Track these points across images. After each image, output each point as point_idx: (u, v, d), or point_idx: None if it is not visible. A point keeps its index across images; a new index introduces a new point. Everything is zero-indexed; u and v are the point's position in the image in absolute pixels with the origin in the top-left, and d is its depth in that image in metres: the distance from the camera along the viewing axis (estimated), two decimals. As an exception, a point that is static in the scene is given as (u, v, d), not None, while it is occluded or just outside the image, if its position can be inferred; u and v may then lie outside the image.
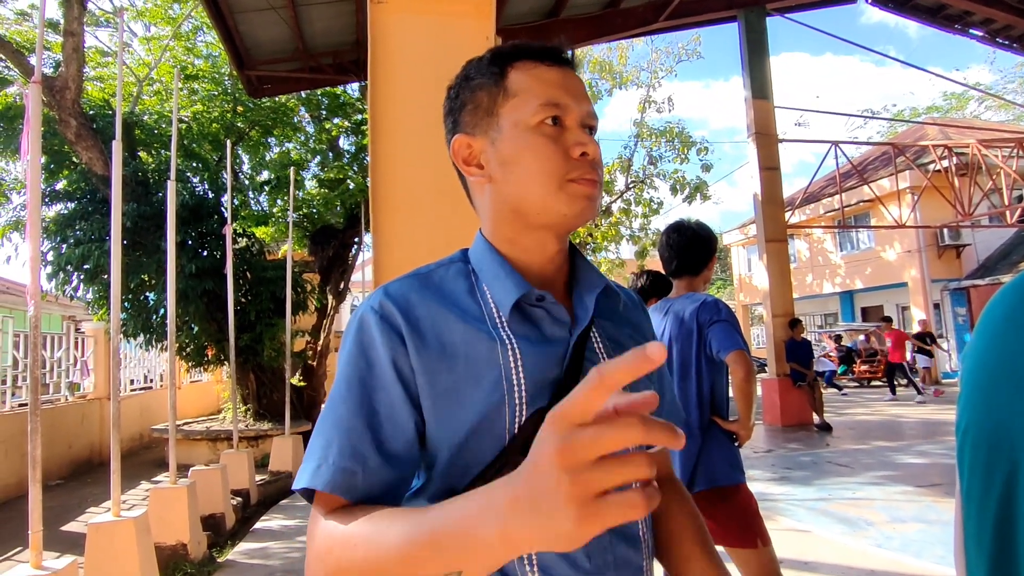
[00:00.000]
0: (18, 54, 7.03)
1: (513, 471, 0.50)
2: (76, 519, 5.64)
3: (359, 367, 0.72)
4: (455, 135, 0.81)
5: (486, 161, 0.79)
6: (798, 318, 10.00)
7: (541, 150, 0.75)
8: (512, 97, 0.77)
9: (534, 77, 0.77)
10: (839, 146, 12.62)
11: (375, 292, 0.77)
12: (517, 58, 0.78)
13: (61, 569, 2.90)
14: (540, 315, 0.77)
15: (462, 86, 0.82)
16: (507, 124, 0.77)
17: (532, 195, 0.76)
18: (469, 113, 0.80)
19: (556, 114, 0.76)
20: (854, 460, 6.88)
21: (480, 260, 0.81)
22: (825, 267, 21.39)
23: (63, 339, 8.48)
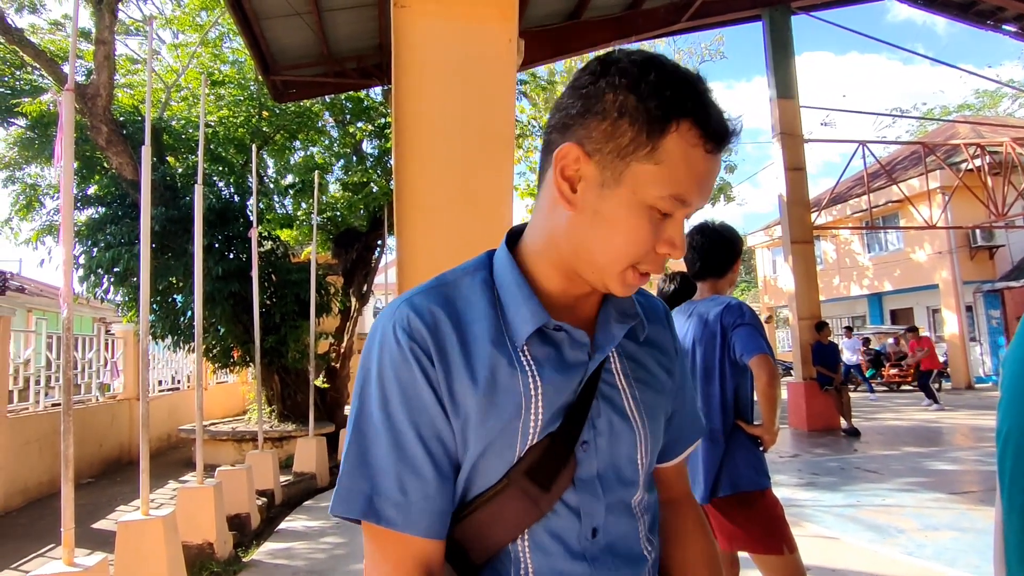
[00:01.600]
0: (52, 63, 7.21)
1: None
2: (106, 517, 5.75)
3: (397, 392, 0.70)
4: (569, 140, 0.70)
5: (583, 190, 0.69)
6: (824, 321, 9.84)
7: (636, 233, 0.68)
8: (653, 163, 0.66)
9: (686, 160, 0.66)
10: (867, 146, 12.40)
11: (400, 304, 0.73)
12: (685, 116, 0.66)
13: (92, 566, 2.95)
14: (560, 338, 0.75)
15: (608, 93, 0.67)
16: (628, 182, 0.67)
17: (596, 260, 0.71)
18: (599, 133, 0.68)
19: (675, 210, 0.69)
20: (883, 466, 6.74)
21: (502, 275, 0.76)
22: (852, 269, 21.01)
23: (94, 341, 8.66)
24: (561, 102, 0.72)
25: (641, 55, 0.69)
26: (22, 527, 5.61)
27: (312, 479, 7.26)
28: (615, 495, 0.75)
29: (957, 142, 14.48)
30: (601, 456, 0.74)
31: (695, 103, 0.66)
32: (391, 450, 0.69)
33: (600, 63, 0.69)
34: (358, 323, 11.58)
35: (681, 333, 2.34)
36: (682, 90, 0.66)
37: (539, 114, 17.66)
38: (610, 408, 0.76)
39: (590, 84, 0.69)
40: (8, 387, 6.38)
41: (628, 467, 0.77)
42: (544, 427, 0.71)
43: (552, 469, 0.71)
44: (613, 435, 0.75)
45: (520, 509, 0.70)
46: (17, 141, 8.97)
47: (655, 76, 0.66)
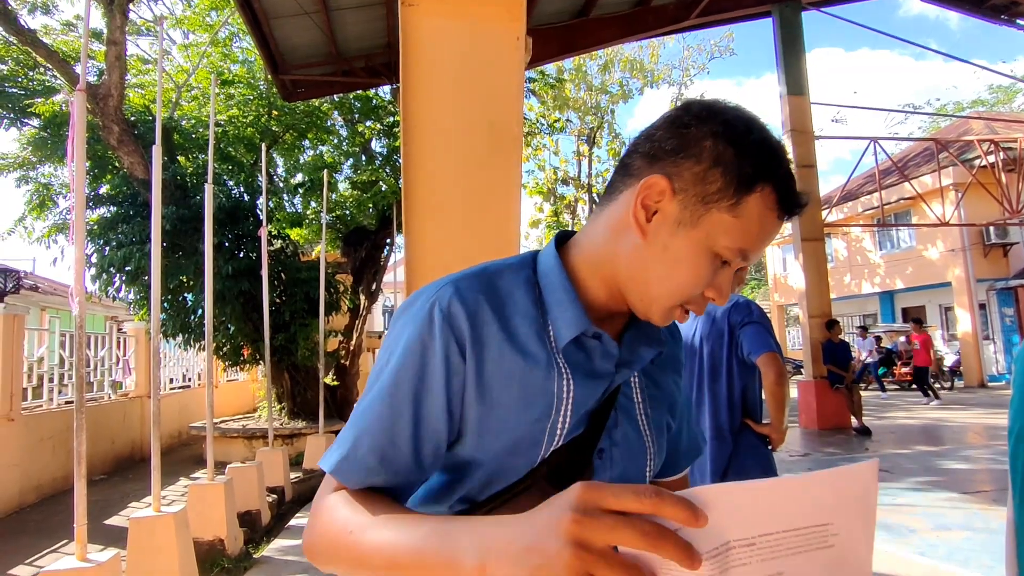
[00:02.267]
0: (64, 64, 7.27)
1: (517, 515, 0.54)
2: (118, 513, 5.81)
3: (413, 367, 0.71)
4: (658, 172, 0.71)
5: (658, 223, 0.71)
6: (835, 319, 9.77)
7: (697, 275, 0.71)
8: (732, 216, 0.69)
9: (761, 220, 0.70)
10: (878, 142, 12.30)
11: (444, 285, 0.74)
12: (770, 181, 0.70)
13: (104, 562, 2.99)
14: (593, 346, 0.76)
15: (707, 140, 0.70)
16: (704, 227, 0.70)
17: (650, 290, 0.73)
18: (690, 175, 0.70)
19: (736, 261, 0.72)
20: (895, 465, 6.69)
21: (548, 276, 0.77)
22: (864, 267, 20.86)
23: (106, 339, 8.74)
24: (653, 132, 0.74)
25: (746, 114, 0.73)
26: (36, 523, 5.67)
27: (322, 476, 7.29)
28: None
29: (971, 138, 14.33)
30: (615, 466, 0.77)
31: (781, 172, 0.71)
32: (385, 422, 0.71)
33: (706, 109, 0.72)
34: (367, 321, 11.63)
35: (689, 330, 2.33)
36: (774, 157, 0.71)
37: (548, 112, 17.65)
38: (626, 420, 0.79)
39: (692, 125, 0.71)
40: (23, 385, 6.45)
41: (637, 479, 0.80)
42: (570, 431, 0.73)
43: (572, 474, 0.73)
44: (627, 446, 0.79)
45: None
46: (31, 141, 9.05)
47: (755, 137, 0.70)
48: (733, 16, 10.46)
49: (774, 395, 2.13)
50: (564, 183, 20.84)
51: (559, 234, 0.84)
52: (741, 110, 0.73)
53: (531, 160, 19.29)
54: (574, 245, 0.80)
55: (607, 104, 19.74)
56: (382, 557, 0.62)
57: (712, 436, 2.18)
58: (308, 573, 4.29)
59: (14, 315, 6.21)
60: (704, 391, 2.24)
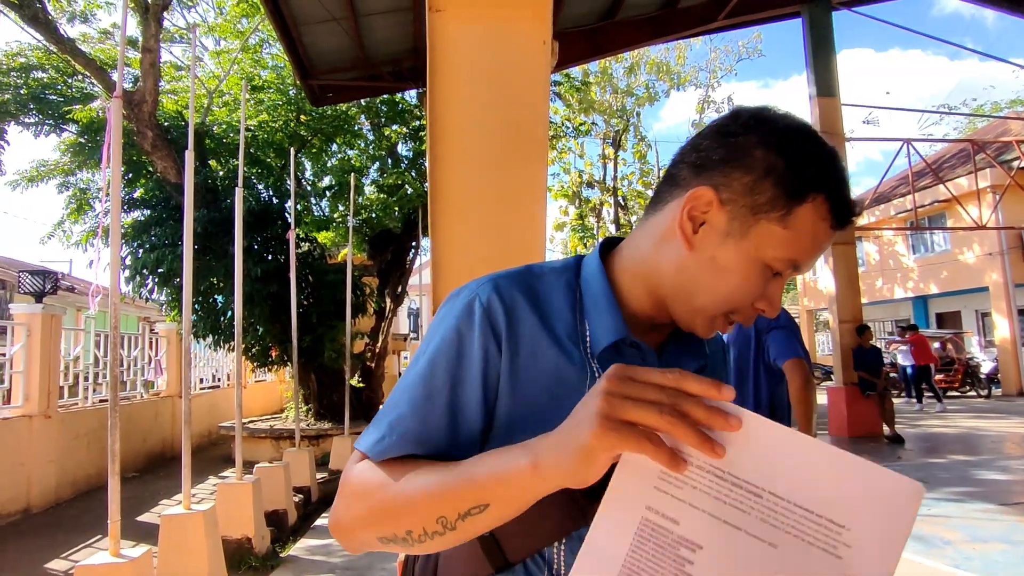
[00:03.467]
0: (101, 71, 7.48)
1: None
2: (150, 510, 5.93)
3: (450, 355, 0.72)
4: (704, 183, 0.70)
5: (705, 234, 0.70)
6: (866, 324, 9.58)
7: (746, 285, 0.70)
8: (782, 227, 0.68)
9: (813, 231, 0.69)
10: (912, 144, 12.03)
11: (485, 282, 0.75)
12: (822, 190, 0.68)
13: (137, 558, 3.05)
14: (631, 355, 0.76)
15: (757, 150, 0.69)
16: (753, 238, 0.69)
17: (696, 301, 0.73)
18: (740, 185, 0.69)
19: (787, 272, 0.71)
20: (929, 475, 6.52)
21: (590, 281, 0.78)
22: (896, 271, 20.41)
23: (139, 339, 8.94)
24: (700, 142, 0.73)
25: (796, 121, 0.71)
26: (71, 518, 5.82)
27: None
28: None
29: (1009, 139, 13.93)
30: None
31: (835, 181, 0.69)
32: (421, 409, 0.71)
33: (755, 118, 0.71)
34: (393, 323, 11.72)
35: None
36: (826, 166, 0.69)
37: (573, 115, 17.63)
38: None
39: (740, 134, 0.70)
40: (59, 383, 6.62)
41: None
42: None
43: (602, 479, 0.72)
44: None
45: (565, 514, 0.72)
46: (69, 147, 9.32)
47: (807, 146, 0.69)
48: (761, 17, 10.33)
49: (800, 401, 2.10)
50: (589, 186, 20.78)
51: (605, 240, 0.83)
52: (792, 117, 0.71)
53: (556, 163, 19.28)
54: (619, 252, 0.80)
55: (633, 107, 19.65)
56: (429, 496, 0.64)
57: None
58: (334, 573, 4.34)
59: (52, 315, 6.38)
60: None
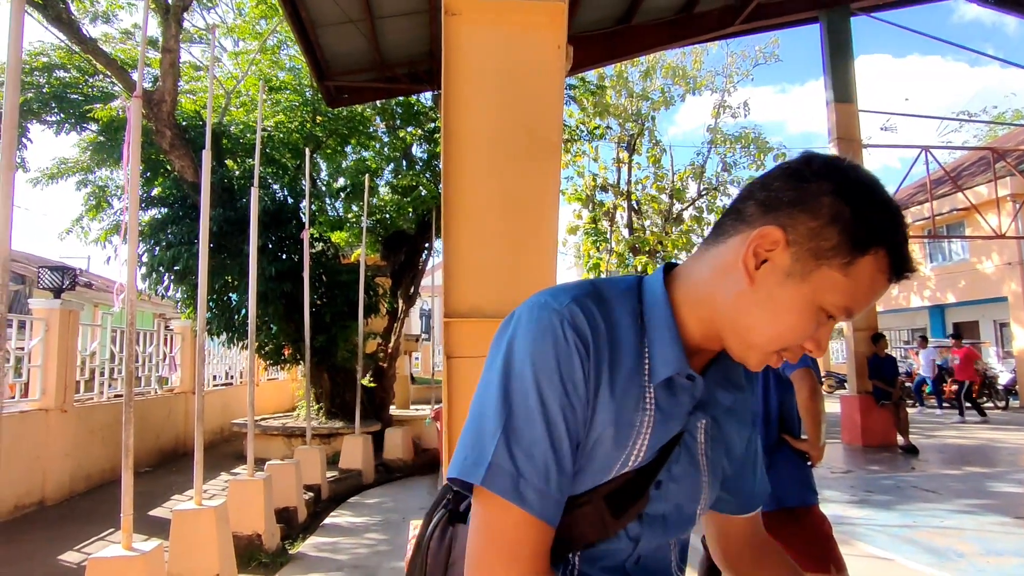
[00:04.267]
0: (122, 71, 7.58)
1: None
2: (162, 505, 5.99)
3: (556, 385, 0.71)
4: (771, 223, 0.71)
5: (767, 272, 0.72)
6: (881, 332, 9.48)
7: (801, 327, 0.72)
8: (842, 274, 0.69)
9: (871, 282, 0.70)
10: (930, 151, 11.90)
11: (568, 301, 0.74)
12: (884, 245, 0.70)
13: (148, 552, 3.09)
14: (683, 385, 0.78)
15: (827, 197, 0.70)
16: (813, 282, 0.70)
17: (751, 337, 0.74)
18: (806, 229, 0.70)
19: (841, 317, 0.72)
20: (942, 486, 6.44)
21: (653, 310, 0.78)
22: (913, 279, 20.06)
23: (154, 336, 9.04)
24: (770, 182, 0.74)
25: (866, 174, 0.73)
26: (85, 510, 5.89)
27: (358, 476, 7.40)
28: (671, 534, 0.83)
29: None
30: (670, 498, 0.80)
31: (896, 236, 0.71)
32: (544, 439, 0.70)
33: (827, 166, 0.72)
34: (405, 324, 11.76)
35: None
36: (891, 221, 0.70)
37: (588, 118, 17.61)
38: (688, 458, 0.81)
39: (812, 180, 0.71)
40: (76, 378, 6.71)
41: (687, 513, 0.83)
42: (640, 461, 0.76)
43: (628, 500, 0.76)
44: (685, 483, 0.81)
45: (590, 527, 0.75)
46: (89, 145, 9.44)
47: (876, 199, 0.71)
48: (779, 22, 10.27)
49: (808, 410, 2.09)
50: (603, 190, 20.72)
51: (667, 265, 0.84)
52: (862, 170, 0.73)
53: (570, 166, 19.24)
54: (678, 279, 0.81)
55: (648, 111, 19.58)
56: None
57: None
58: (343, 571, 4.36)
59: (69, 310, 6.47)
60: None
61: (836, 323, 0.73)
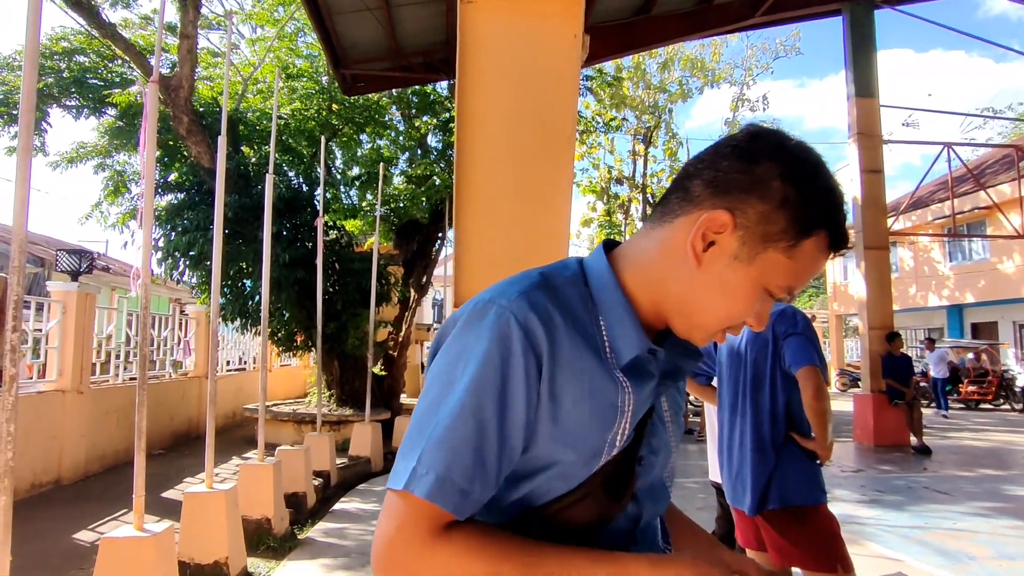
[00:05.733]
0: (140, 56, 7.62)
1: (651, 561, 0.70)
2: (174, 487, 6.07)
3: (495, 384, 0.68)
4: (720, 206, 0.71)
5: (715, 254, 0.72)
6: (897, 332, 9.37)
7: (745, 306, 0.74)
8: (786, 256, 0.71)
9: (813, 261, 0.73)
10: (952, 148, 11.70)
11: (516, 297, 0.71)
12: (827, 227, 0.72)
13: (159, 533, 3.13)
14: (647, 360, 0.77)
15: (776, 181, 0.70)
16: (759, 264, 0.71)
17: (698, 317, 0.76)
18: (755, 214, 0.71)
19: (782, 296, 0.74)
20: (955, 487, 6.37)
21: (603, 293, 0.77)
22: (931, 278, 19.91)
23: (169, 320, 9.14)
24: (717, 160, 0.73)
25: (813, 155, 0.73)
26: (99, 491, 5.99)
27: (367, 463, 7.45)
28: (658, 506, 0.84)
29: (1055, 146, 13.47)
30: (653, 471, 0.82)
31: (837, 218, 0.73)
32: (474, 442, 0.68)
33: (776, 146, 0.72)
34: (417, 313, 11.80)
35: (738, 337, 2.27)
36: (834, 203, 0.73)
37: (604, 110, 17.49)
38: (660, 428, 0.82)
39: (761, 161, 0.71)
40: (92, 360, 6.80)
41: (664, 483, 0.86)
42: (625, 441, 0.76)
43: (622, 481, 0.77)
44: (661, 453, 0.83)
45: (592, 516, 0.75)
46: (108, 130, 9.52)
47: (822, 183, 0.72)
48: (800, 14, 10.13)
49: (813, 409, 2.07)
50: (618, 182, 20.62)
51: (606, 243, 0.83)
52: (808, 150, 0.74)
53: (585, 158, 19.15)
54: (621, 258, 0.80)
55: (665, 103, 19.42)
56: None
57: (753, 449, 2.12)
58: (350, 556, 4.40)
59: (87, 294, 6.55)
60: (747, 401, 2.17)
61: (770, 300, 0.75)
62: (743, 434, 2.17)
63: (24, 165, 2.44)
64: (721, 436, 2.30)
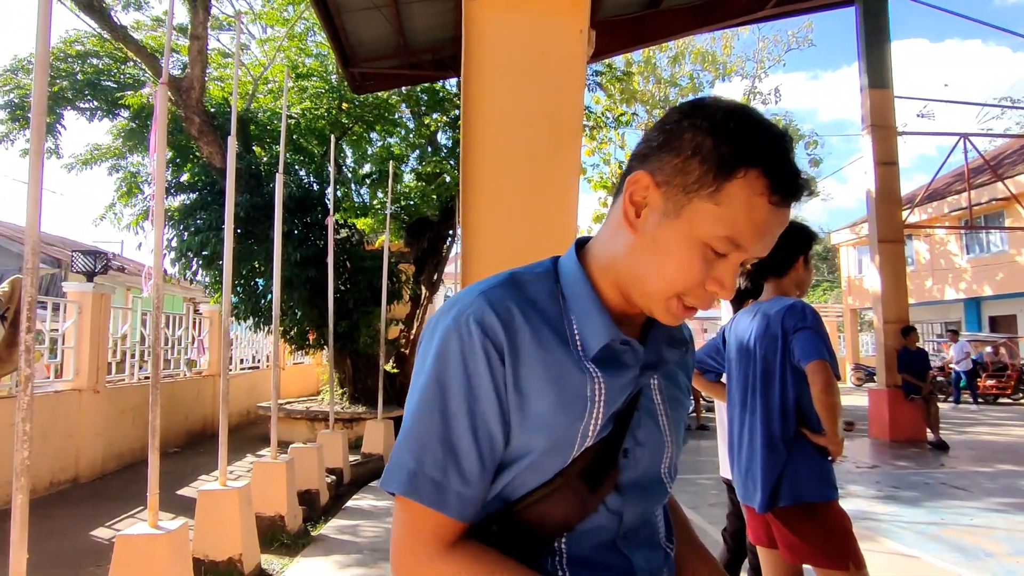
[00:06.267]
0: (152, 58, 7.68)
1: None
2: (189, 485, 6.13)
3: (458, 376, 0.72)
4: (644, 169, 0.73)
5: (646, 217, 0.73)
6: (912, 326, 9.26)
7: (686, 265, 0.71)
8: (714, 204, 0.69)
9: (746, 207, 0.69)
10: (969, 139, 11.53)
11: (476, 296, 0.74)
12: (753, 165, 0.68)
13: (173, 530, 3.16)
14: (622, 351, 0.78)
15: (688, 132, 0.71)
16: (686, 217, 0.70)
17: (646, 286, 0.74)
18: (671, 167, 0.71)
19: (729, 251, 0.71)
20: (973, 483, 6.29)
21: (572, 286, 0.79)
22: (948, 271, 19.66)
23: (183, 319, 9.22)
24: (647, 134, 0.77)
25: (732, 104, 0.73)
26: (116, 489, 6.06)
27: (379, 460, 7.48)
28: (648, 502, 0.82)
29: (1075, 136, 13.24)
30: (640, 465, 0.80)
31: (768, 155, 0.69)
32: (440, 433, 0.72)
33: (691, 105, 0.74)
34: (428, 311, 11.82)
35: (746, 332, 2.25)
36: (757, 141, 0.70)
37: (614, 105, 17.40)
38: (649, 421, 0.81)
39: (675, 122, 0.73)
40: (107, 359, 6.88)
41: (658, 477, 0.83)
42: (599, 431, 0.75)
43: (601, 472, 0.76)
44: (650, 446, 0.81)
45: (569, 508, 0.75)
46: (121, 132, 9.62)
47: (735, 125, 0.70)
48: (813, 5, 10.00)
49: (822, 405, 2.04)
50: (629, 178, 20.49)
51: (578, 241, 0.85)
52: (726, 101, 0.73)
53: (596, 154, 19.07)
54: (589, 251, 0.82)
55: (676, 97, 19.28)
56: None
57: (763, 445, 2.10)
58: (362, 553, 4.42)
59: (102, 294, 6.63)
60: (757, 396, 2.15)
61: (736, 260, 0.71)
62: (753, 430, 2.15)
63: (36, 168, 2.47)
64: (731, 432, 2.28)
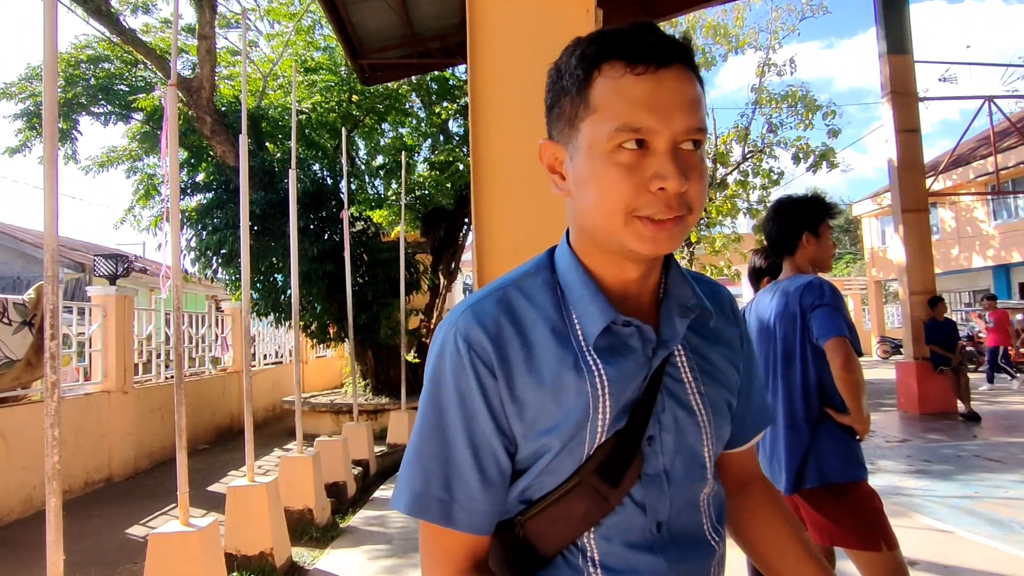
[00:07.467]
0: (161, 60, 7.72)
1: None
2: (219, 480, 6.23)
3: (453, 398, 0.73)
4: (546, 138, 0.77)
5: (566, 173, 0.74)
6: (940, 296, 9.07)
7: (609, 181, 0.68)
8: (592, 112, 0.69)
9: (617, 91, 0.67)
10: (994, 101, 11.19)
11: (462, 312, 0.75)
12: (604, 59, 0.68)
13: (205, 527, 3.20)
14: (627, 333, 0.75)
15: (552, 84, 0.75)
16: (584, 143, 0.70)
17: (597, 224, 0.72)
18: (556, 118, 0.74)
19: (636, 138, 0.66)
20: (1007, 455, 6.17)
21: (566, 274, 0.77)
22: (975, 238, 19.21)
23: (206, 317, 9.34)
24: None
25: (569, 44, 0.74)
26: (149, 487, 6.19)
27: (403, 451, 7.54)
28: (682, 490, 0.76)
29: (1106, 93, 12.79)
30: (667, 451, 0.75)
31: (614, 43, 0.69)
32: (440, 453, 0.73)
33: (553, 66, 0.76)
34: (447, 300, 11.84)
35: (766, 312, 2.21)
36: (601, 41, 0.69)
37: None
38: (675, 403, 0.76)
39: (546, 89, 0.76)
40: (134, 360, 7.00)
41: (695, 461, 0.77)
42: (611, 425, 0.72)
43: (620, 465, 0.73)
44: (679, 430, 0.76)
45: (589, 505, 0.73)
46: (136, 135, 9.71)
47: (573, 47, 0.72)
48: (826, -29, 9.72)
49: (843, 382, 1.99)
50: (643, 157, 20.29)
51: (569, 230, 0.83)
52: (574, 47, 0.74)
53: (609, 135, 18.86)
54: (570, 234, 0.81)
55: (689, 73, 18.95)
56: None
57: (786, 425, 2.05)
58: (391, 544, 4.46)
59: (125, 296, 6.72)
60: (778, 377, 2.11)
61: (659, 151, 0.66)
62: (775, 411, 2.11)
63: (51, 176, 2.48)
64: (755, 414, 2.24)
